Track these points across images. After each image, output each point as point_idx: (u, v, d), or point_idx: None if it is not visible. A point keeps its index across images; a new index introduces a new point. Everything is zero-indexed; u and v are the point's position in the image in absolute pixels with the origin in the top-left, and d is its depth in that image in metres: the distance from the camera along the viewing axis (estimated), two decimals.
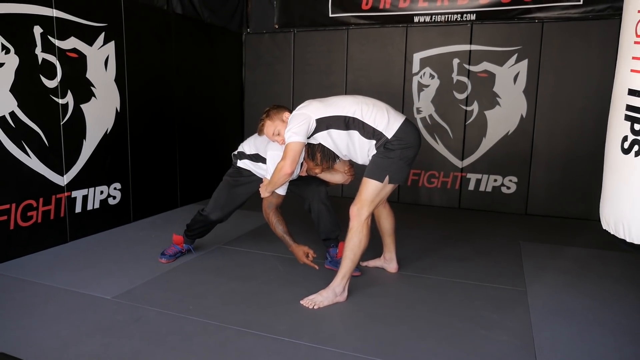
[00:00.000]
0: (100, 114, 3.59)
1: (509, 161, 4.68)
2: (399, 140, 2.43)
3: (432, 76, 4.81)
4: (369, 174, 2.48)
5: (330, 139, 2.55)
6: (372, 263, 3.05)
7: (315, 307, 2.42)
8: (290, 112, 2.67)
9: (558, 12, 4.35)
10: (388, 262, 2.99)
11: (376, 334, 2.18)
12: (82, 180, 3.47)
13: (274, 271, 2.97)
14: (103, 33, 3.54)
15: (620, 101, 1.64)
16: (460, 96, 4.72)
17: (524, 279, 2.90)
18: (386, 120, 2.45)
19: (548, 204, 4.61)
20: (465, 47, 4.66)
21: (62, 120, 3.28)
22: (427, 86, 4.84)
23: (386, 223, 2.91)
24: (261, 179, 2.93)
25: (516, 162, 4.65)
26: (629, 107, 1.58)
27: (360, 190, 2.50)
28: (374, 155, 2.49)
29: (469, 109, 4.72)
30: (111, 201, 3.75)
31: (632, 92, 1.58)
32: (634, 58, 1.57)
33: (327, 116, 2.51)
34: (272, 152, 2.78)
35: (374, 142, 2.47)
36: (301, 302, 2.47)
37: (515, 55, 4.50)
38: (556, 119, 4.49)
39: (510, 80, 4.55)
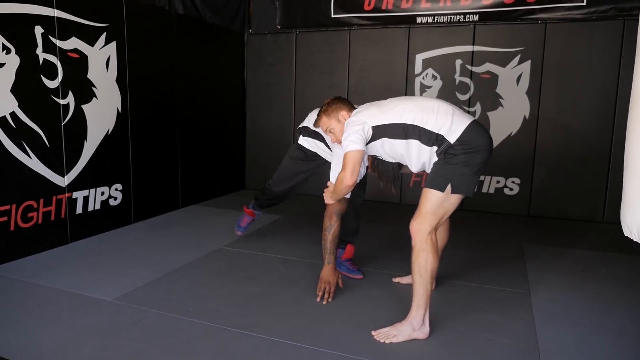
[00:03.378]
0: (102, 114, 3.57)
1: (511, 162, 4.65)
2: (462, 144, 2.14)
3: (434, 77, 4.79)
4: (429, 184, 2.18)
5: (384, 149, 2.32)
6: (405, 279, 2.78)
7: (387, 342, 2.12)
8: (352, 109, 2.49)
9: (561, 13, 4.33)
10: None
11: None
12: (83, 181, 3.45)
13: (275, 273, 2.95)
14: (104, 33, 3.53)
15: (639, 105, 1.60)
16: (463, 97, 4.70)
17: (528, 282, 2.88)
18: (449, 123, 2.16)
19: (551, 206, 4.59)
20: (468, 48, 4.64)
21: (63, 121, 3.27)
22: (429, 87, 4.82)
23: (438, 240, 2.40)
24: (324, 159, 2.97)
25: (519, 164, 4.63)
26: None
27: (420, 203, 2.19)
28: (435, 162, 2.21)
29: (471, 110, 4.69)
30: (112, 202, 3.73)
31: None
32: None
33: (384, 124, 2.27)
34: (336, 151, 2.60)
35: (435, 148, 2.19)
36: (373, 333, 2.19)
37: (518, 56, 4.48)
38: (559, 120, 4.47)
39: (513, 82, 4.53)
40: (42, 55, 3.08)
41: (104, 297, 2.50)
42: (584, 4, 4.23)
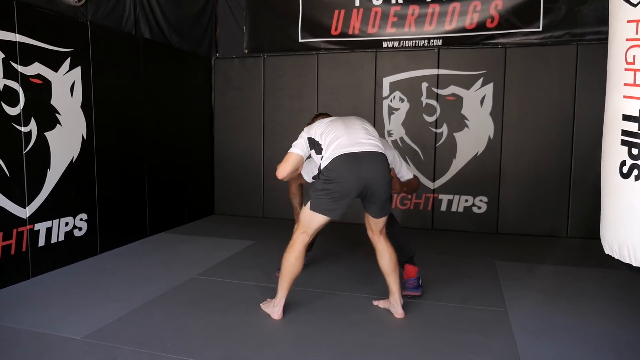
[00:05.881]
0: (66, 141, 3.44)
1: (478, 181, 4.77)
2: (327, 171, 2.43)
3: (402, 100, 4.89)
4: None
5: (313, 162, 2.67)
6: (381, 304, 2.76)
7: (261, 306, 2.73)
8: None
9: (519, 38, 4.54)
10: (392, 305, 2.66)
11: None
12: (46, 212, 3.29)
13: (253, 301, 2.86)
14: (69, 58, 3.42)
15: (614, 127, 1.69)
16: (430, 119, 4.82)
17: (504, 299, 2.92)
18: (331, 149, 2.45)
19: (517, 222, 4.71)
20: (433, 72, 4.78)
21: (25, 149, 3.12)
22: (397, 109, 4.92)
23: (380, 260, 2.64)
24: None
25: (486, 182, 4.75)
26: (625, 132, 1.64)
27: None
28: None
29: (438, 131, 4.81)
30: (77, 233, 3.57)
31: (627, 118, 1.63)
32: (625, 85, 1.63)
33: (312, 137, 2.59)
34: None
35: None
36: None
37: (481, 79, 4.65)
38: (522, 139, 4.63)
39: (477, 103, 4.68)
40: (2, 82, 2.94)
41: (72, 336, 2.35)
42: (540, 29, 4.46)
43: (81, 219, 3.61)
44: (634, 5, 1.67)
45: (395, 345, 2.31)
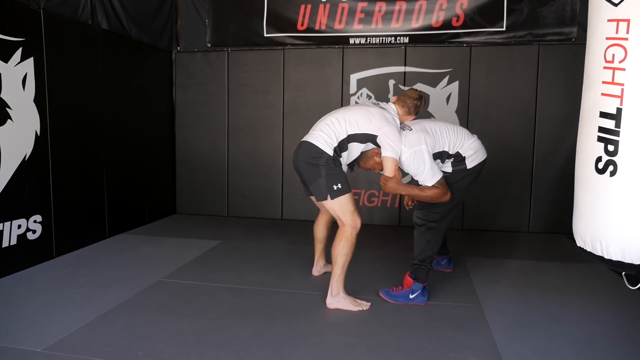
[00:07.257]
0: (18, 138, 3.19)
1: None
2: None
3: (369, 96, 4.88)
4: None
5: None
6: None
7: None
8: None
9: (484, 37, 4.62)
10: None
11: None
12: None
13: (226, 304, 2.76)
14: (20, 48, 3.17)
15: (590, 123, 1.70)
16: None
17: (477, 295, 2.96)
18: None
19: (482, 219, 4.81)
20: (400, 69, 4.79)
21: None
22: None
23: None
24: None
25: None
26: (602, 129, 1.65)
27: None
28: None
29: None
30: (30, 236, 3.32)
31: (604, 115, 1.65)
32: (604, 82, 1.64)
33: None
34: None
35: None
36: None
37: (447, 77, 4.71)
38: (486, 137, 4.65)
39: (443, 101, 4.74)
40: None
41: (32, 348, 2.17)
42: (504, 29, 4.56)
43: (35, 221, 3.36)
44: (615, 5, 1.70)
45: (376, 345, 2.28)
